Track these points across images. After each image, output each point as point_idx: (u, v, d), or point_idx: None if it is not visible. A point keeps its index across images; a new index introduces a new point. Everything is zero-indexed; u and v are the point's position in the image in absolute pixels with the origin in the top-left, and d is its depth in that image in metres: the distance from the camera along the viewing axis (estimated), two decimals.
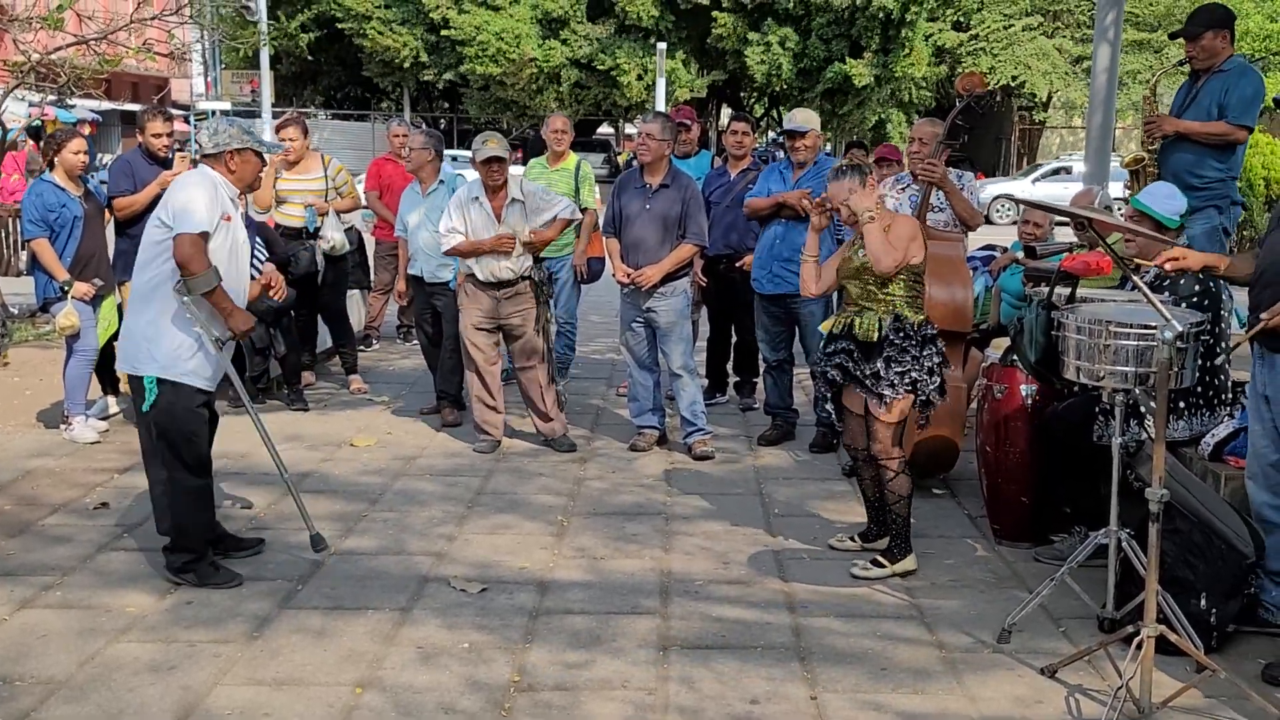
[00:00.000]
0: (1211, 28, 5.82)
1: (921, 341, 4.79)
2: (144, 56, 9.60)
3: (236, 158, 4.80)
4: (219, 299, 4.65)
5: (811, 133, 6.67)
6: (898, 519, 4.88)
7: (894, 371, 4.74)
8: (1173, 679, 3.90)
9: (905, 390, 4.76)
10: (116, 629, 4.31)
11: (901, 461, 4.85)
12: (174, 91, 39.85)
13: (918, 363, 4.75)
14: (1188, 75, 6.08)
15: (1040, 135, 37.97)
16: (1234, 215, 5.92)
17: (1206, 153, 5.77)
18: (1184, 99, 5.97)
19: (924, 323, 4.85)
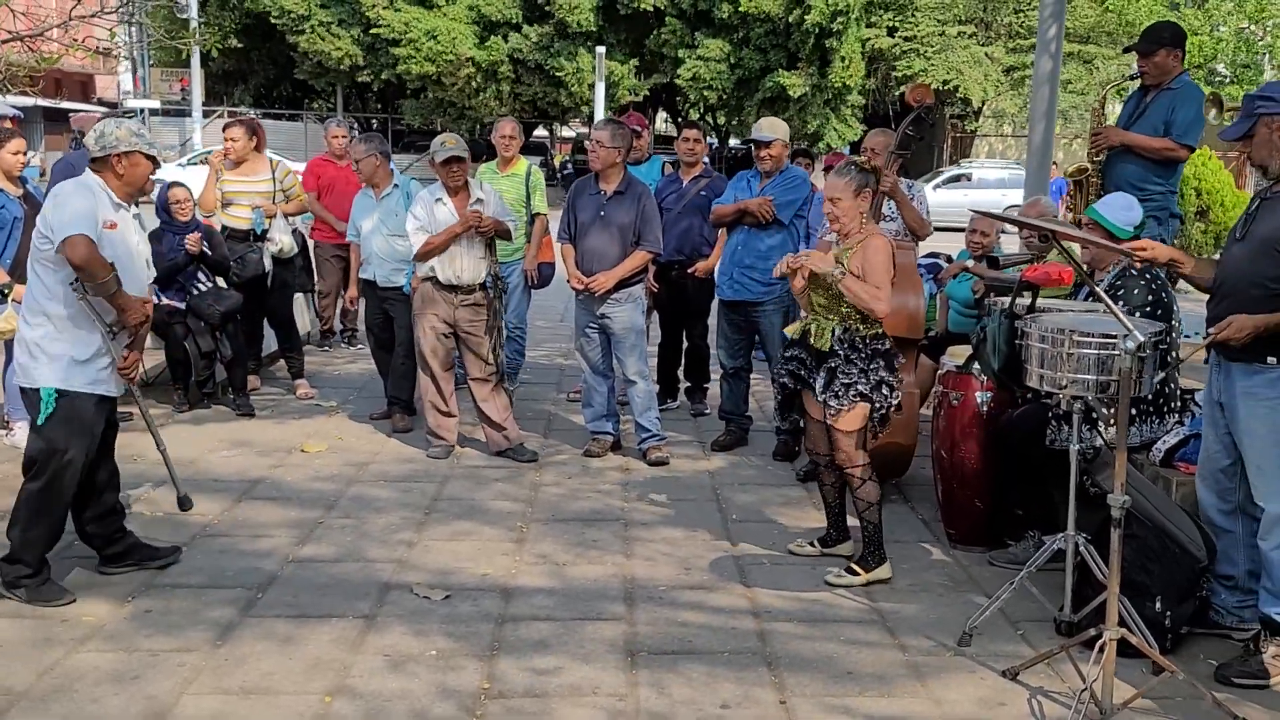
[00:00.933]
0: (1164, 46, 5.96)
1: (870, 355, 4.80)
2: (85, 55, 9.41)
3: (124, 160, 4.65)
4: (121, 296, 4.55)
5: (777, 142, 6.73)
6: (869, 526, 4.93)
7: (839, 383, 4.78)
8: (1130, 680, 3.99)
9: (851, 401, 4.78)
10: (75, 638, 4.24)
11: (867, 469, 4.89)
12: (100, 89, 39.19)
13: (864, 375, 4.77)
14: (1139, 86, 6.22)
15: (972, 143, 38.52)
16: (1172, 228, 6.07)
17: (1149, 166, 5.92)
18: (1133, 111, 6.10)
19: (876, 336, 4.83)
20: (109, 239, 4.57)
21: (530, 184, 8.10)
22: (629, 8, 31.96)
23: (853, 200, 4.79)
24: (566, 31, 32.60)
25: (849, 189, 4.78)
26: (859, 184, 4.79)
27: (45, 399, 4.53)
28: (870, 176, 4.82)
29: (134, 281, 4.70)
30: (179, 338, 7.46)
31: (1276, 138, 3.98)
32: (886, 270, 4.72)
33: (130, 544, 4.98)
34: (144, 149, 4.68)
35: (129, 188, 4.71)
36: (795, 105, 31.88)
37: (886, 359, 4.84)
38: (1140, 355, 3.74)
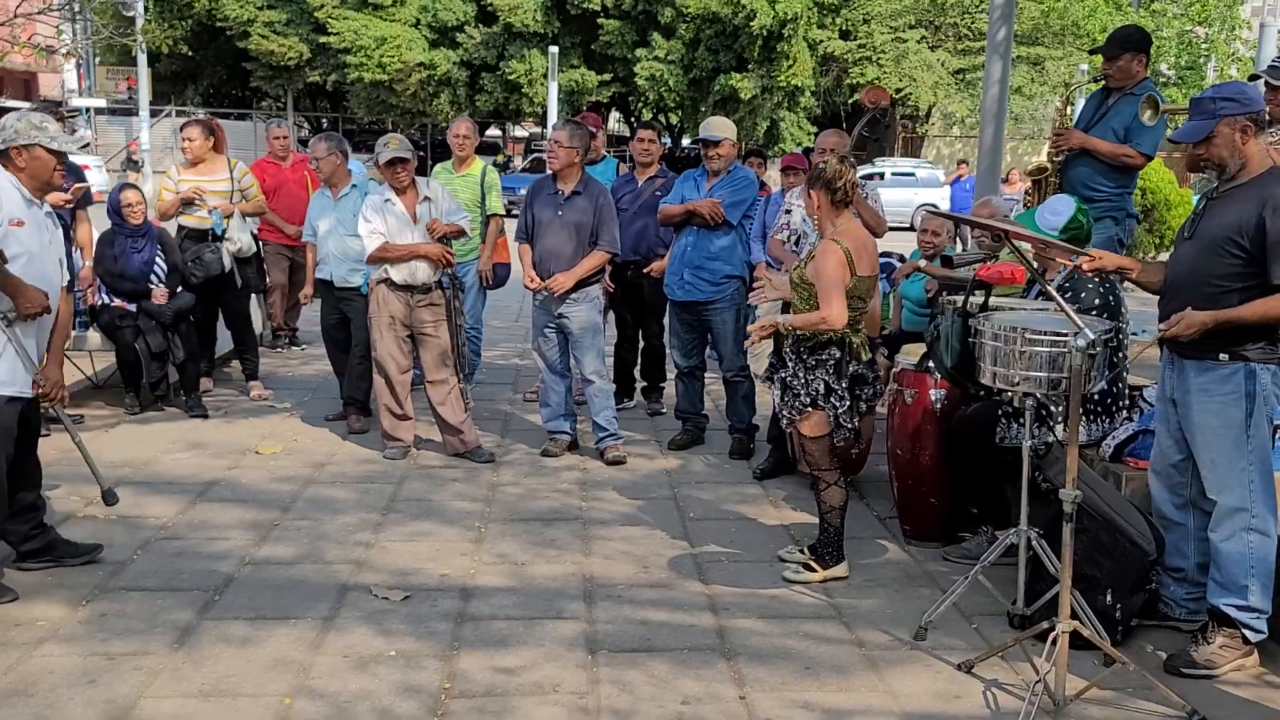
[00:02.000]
0: (1129, 50, 6.04)
1: (812, 365, 4.79)
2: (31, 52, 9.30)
3: (25, 154, 4.56)
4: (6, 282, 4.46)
5: (726, 141, 6.77)
6: (829, 528, 4.98)
7: (789, 393, 4.85)
8: (1082, 672, 4.07)
9: (801, 409, 4.81)
10: (31, 641, 4.20)
11: (834, 473, 4.93)
12: (43, 87, 38.56)
13: (808, 386, 4.79)
14: (1101, 88, 6.31)
15: (922, 145, 38.91)
16: (1129, 227, 6.17)
17: (1106, 169, 6.00)
18: (1094, 112, 6.17)
19: (821, 345, 4.79)
20: (15, 236, 4.50)
21: (486, 184, 8.11)
22: (579, 8, 32.03)
23: (808, 197, 4.89)
24: (514, 32, 32.62)
25: (806, 187, 4.90)
26: (807, 181, 4.91)
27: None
28: (819, 170, 4.87)
29: (42, 280, 4.61)
30: (129, 339, 7.38)
31: (1239, 137, 4.06)
32: (836, 276, 4.71)
33: (49, 540, 4.94)
34: (44, 142, 4.57)
35: (34, 181, 4.61)
36: (746, 106, 32.11)
37: (836, 367, 4.79)
38: (1090, 353, 3.82)
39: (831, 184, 4.79)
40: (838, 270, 4.72)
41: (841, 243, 4.75)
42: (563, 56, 32.12)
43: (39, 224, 4.67)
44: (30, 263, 4.56)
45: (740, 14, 30.18)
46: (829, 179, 4.79)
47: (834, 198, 4.81)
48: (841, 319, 4.70)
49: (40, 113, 4.79)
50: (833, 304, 4.69)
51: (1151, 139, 5.94)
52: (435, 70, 33.29)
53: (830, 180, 4.79)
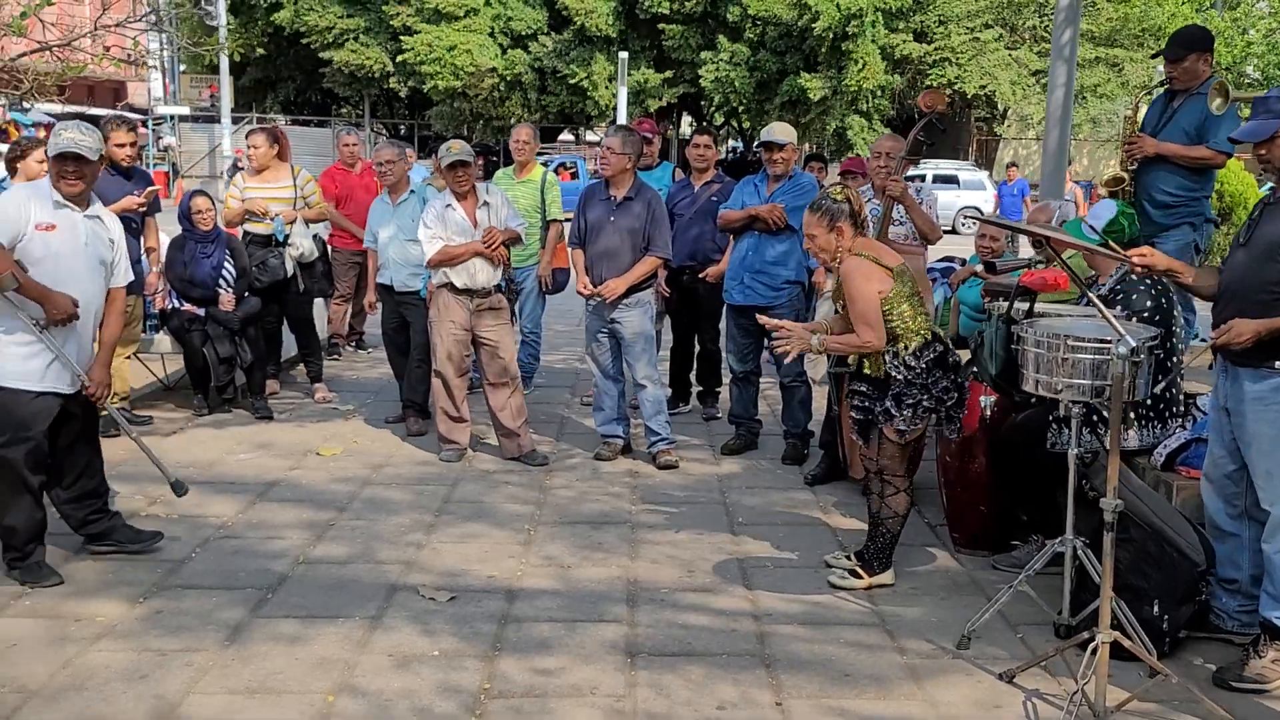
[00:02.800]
0: (1194, 50, 5.92)
1: (927, 369, 4.75)
2: (108, 63, 9.57)
3: (49, 161, 4.84)
4: (29, 289, 4.65)
5: (789, 146, 6.77)
6: (887, 534, 4.94)
7: (905, 406, 4.75)
8: (1127, 683, 4.01)
9: (922, 418, 4.77)
10: (88, 637, 4.33)
11: (905, 479, 4.90)
12: (131, 95, 39.60)
13: (927, 391, 4.74)
14: (1163, 93, 6.20)
15: (997, 147, 38.42)
16: (1206, 232, 6.04)
17: (1181, 172, 5.88)
18: (1159, 117, 6.06)
19: (925, 345, 4.75)
20: (42, 239, 4.72)
21: (546, 190, 8.19)
22: (647, 12, 32.14)
23: (827, 234, 4.79)
24: (586, 37, 32.82)
25: (821, 224, 4.80)
26: (830, 217, 4.78)
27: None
28: (844, 206, 4.78)
29: (73, 280, 4.80)
30: (198, 344, 7.56)
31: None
32: (867, 294, 4.69)
33: (110, 525, 5.18)
34: (49, 150, 4.80)
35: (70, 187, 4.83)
36: (817, 108, 31.99)
37: (941, 364, 4.79)
38: (1134, 360, 3.77)
39: (856, 215, 4.80)
40: (865, 285, 4.69)
41: (864, 254, 4.74)
42: (631, 60, 32.24)
43: (74, 227, 4.84)
44: (59, 264, 4.76)
45: (804, 16, 30.08)
46: (854, 210, 4.79)
47: (856, 225, 4.82)
48: (880, 341, 4.69)
49: (76, 122, 4.98)
50: (870, 328, 4.68)
51: (1225, 130, 5.78)
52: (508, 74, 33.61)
53: (855, 212, 4.80)
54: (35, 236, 4.72)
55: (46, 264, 4.74)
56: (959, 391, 4.81)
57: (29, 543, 4.84)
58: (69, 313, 4.76)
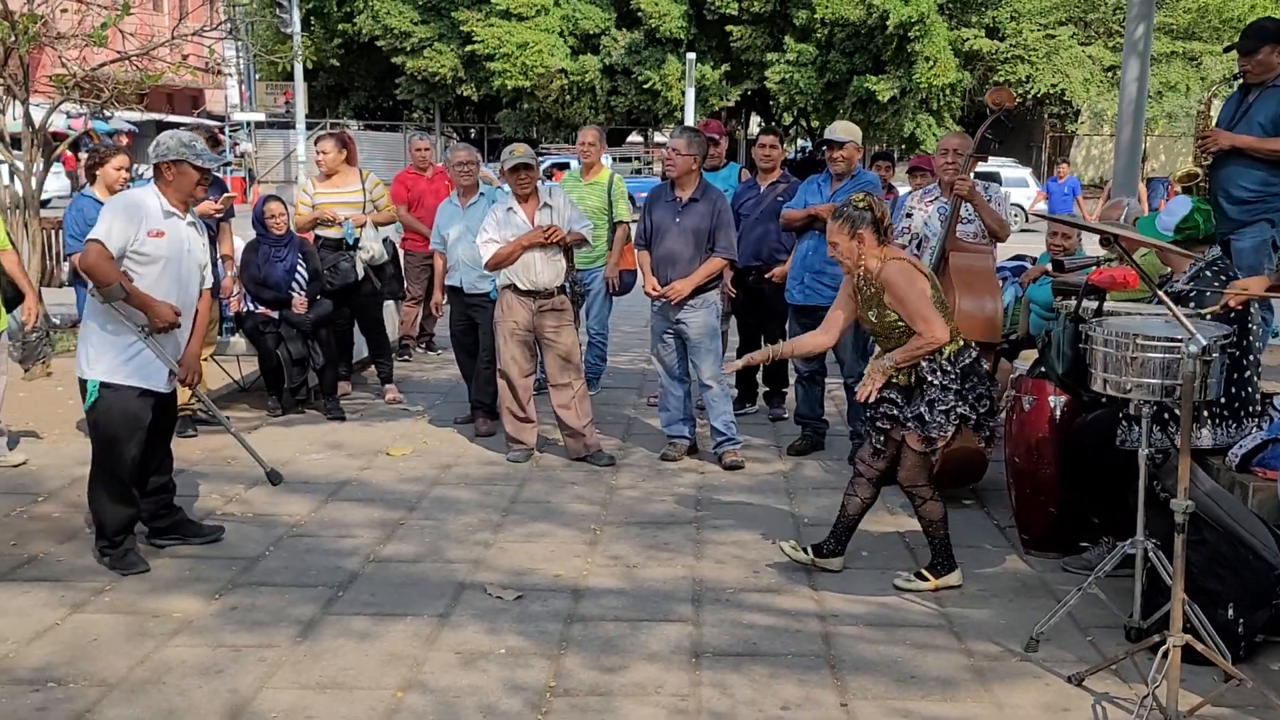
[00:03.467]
0: (1267, 43, 5.78)
1: (962, 374, 4.73)
2: (184, 71, 9.79)
3: (173, 168, 4.98)
4: (136, 297, 4.86)
5: (850, 144, 6.76)
6: (935, 540, 4.93)
7: (939, 412, 4.72)
8: (1201, 688, 3.94)
9: (953, 424, 4.75)
10: (166, 632, 4.44)
11: (929, 488, 4.87)
12: (209, 102, 40.39)
13: (961, 397, 4.72)
14: (1237, 88, 6.08)
15: (1071, 144, 37.85)
16: None
17: (1258, 166, 5.76)
18: (1234, 112, 5.94)
19: (960, 351, 4.75)
20: (152, 245, 4.91)
21: (613, 192, 8.23)
22: (715, 13, 32.13)
23: (849, 242, 4.78)
24: (656, 38, 32.87)
25: (842, 232, 4.79)
26: (852, 224, 4.76)
27: (90, 389, 4.94)
28: (865, 214, 4.75)
29: (179, 284, 5.02)
30: (271, 346, 7.71)
31: None
32: (917, 290, 4.69)
33: (176, 520, 5.40)
34: (191, 159, 4.97)
35: (178, 194, 5.03)
36: (890, 107, 31.79)
37: (976, 371, 4.79)
38: (1205, 359, 3.71)
39: (879, 222, 4.77)
40: (911, 283, 4.68)
41: (902, 258, 4.72)
42: (697, 61, 32.23)
43: (178, 234, 5.05)
44: (166, 269, 4.98)
45: (872, 15, 29.90)
46: (877, 218, 4.76)
47: (878, 233, 4.78)
48: (944, 333, 4.68)
49: (191, 132, 5.12)
50: (931, 322, 4.67)
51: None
52: (579, 77, 33.75)
53: (878, 219, 4.76)
54: (147, 243, 4.91)
55: (156, 269, 4.95)
56: (990, 399, 4.79)
57: (119, 533, 5.04)
58: (171, 321, 4.97)
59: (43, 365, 8.52)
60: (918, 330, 4.70)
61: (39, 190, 9.20)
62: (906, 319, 4.73)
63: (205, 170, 5.07)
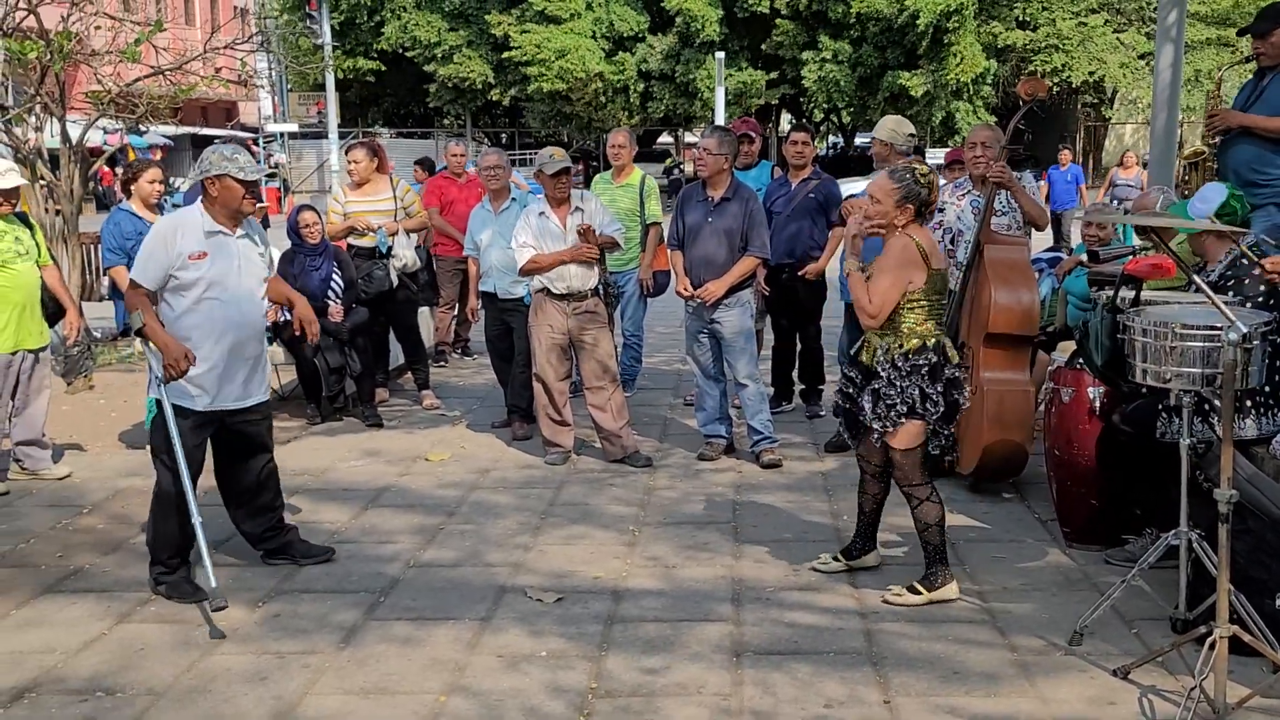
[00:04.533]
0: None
1: (908, 372, 4.60)
2: (217, 84, 9.89)
3: (216, 184, 4.86)
4: (149, 334, 4.79)
5: (875, 141, 6.75)
6: (929, 546, 4.77)
7: (882, 404, 4.62)
8: (1249, 680, 3.90)
9: (895, 421, 4.61)
10: (211, 641, 4.48)
11: (926, 488, 4.73)
12: (243, 114, 40.75)
13: (902, 394, 4.59)
14: (1253, 73, 6.03)
15: (1106, 133, 37.50)
16: None
17: (1270, 149, 5.71)
18: (1249, 96, 5.90)
19: (918, 351, 4.61)
20: (193, 270, 4.82)
21: (645, 192, 8.23)
22: (747, 11, 32.09)
23: (893, 206, 4.62)
24: (691, 41, 32.88)
25: (893, 195, 4.61)
26: (905, 194, 4.61)
27: (148, 407, 4.96)
28: (922, 190, 4.61)
29: (232, 303, 4.91)
30: (309, 355, 7.76)
31: None
32: (898, 266, 4.55)
33: (286, 540, 5.31)
34: (234, 173, 4.85)
35: (224, 210, 4.91)
36: (922, 101, 31.67)
37: (931, 372, 4.60)
38: (1246, 347, 3.67)
39: (927, 204, 4.67)
40: (901, 260, 4.56)
41: (914, 237, 4.60)
42: (730, 60, 32.18)
43: (226, 251, 4.93)
44: (210, 290, 4.85)
45: (904, 12, 29.81)
46: (927, 200, 4.65)
47: (920, 214, 4.68)
48: (873, 319, 4.60)
49: (232, 145, 5.13)
50: (879, 298, 4.55)
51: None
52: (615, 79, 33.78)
53: (928, 201, 4.67)
54: (189, 266, 4.81)
55: (197, 289, 4.84)
56: (947, 407, 4.62)
57: (173, 558, 4.93)
58: (178, 368, 4.77)
59: (85, 379, 8.66)
60: (869, 291, 4.59)
61: (78, 207, 9.32)
62: (871, 279, 4.61)
63: (250, 183, 4.96)
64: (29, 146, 9.01)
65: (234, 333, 4.93)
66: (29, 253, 6.39)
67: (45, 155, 9.32)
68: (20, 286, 6.32)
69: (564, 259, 6.66)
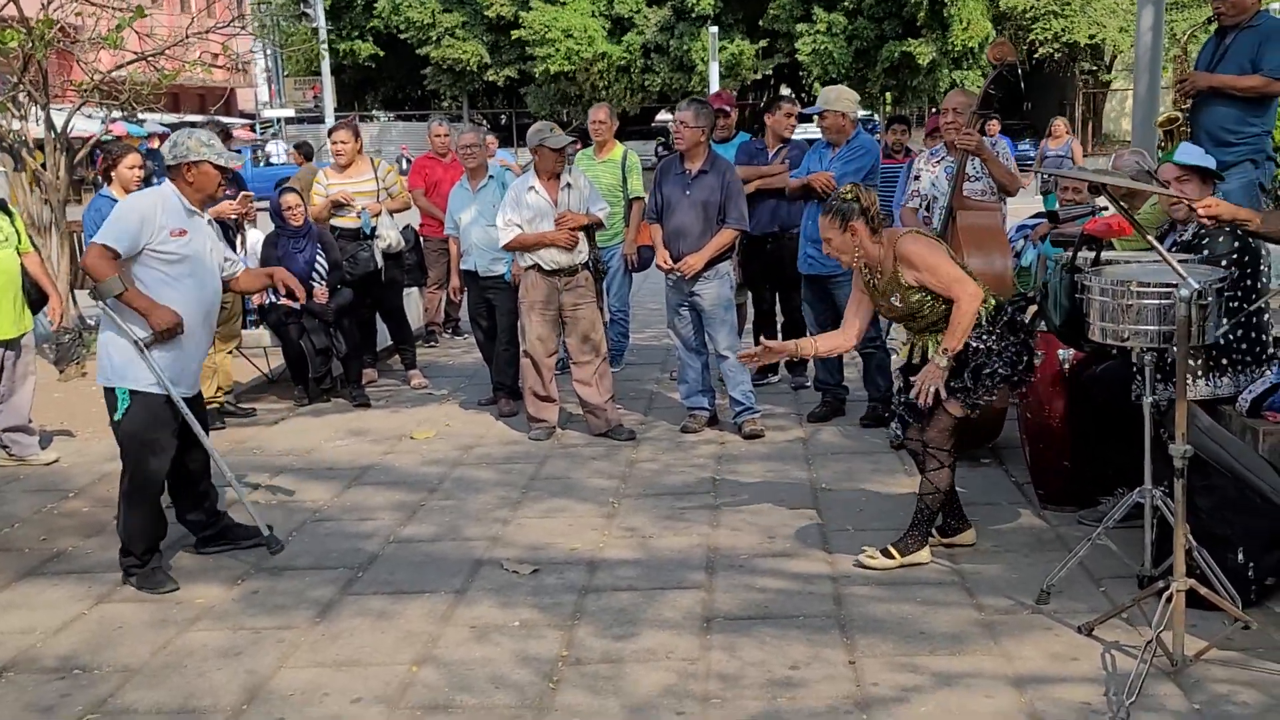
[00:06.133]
0: None
1: (1001, 334, 4.58)
2: (202, 69, 9.89)
3: (194, 169, 4.84)
4: (131, 299, 4.70)
5: (828, 113, 6.72)
6: (925, 511, 4.79)
7: (984, 377, 4.58)
8: (1213, 634, 3.93)
9: (999, 388, 4.62)
10: (187, 619, 4.54)
11: (950, 455, 4.73)
12: (240, 100, 40.72)
13: (1001, 357, 4.58)
14: (1212, 33, 6.03)
15: (1105, 98, 37.34)
16: (1269, 170, 5.87)
17: (1241, 107, 5.72)
18: (1211, 56, 5.91)
19: (997, 309, 4.61)
20: (176, 245, 4.79)
21: (627, 168, 8.24)
22: None
23: (842, 236, 4.64)
24: (684, 14, 32.78)
25: (834, 227, 4.65)
26: (842, 217, 4.63)
27: (120, 398, 4.79)
28: (853, 205, 4.61)
29: (205, 285, 4.93)
30: (295, 337, 7.80)
31: None
32: (943, 256, 4.57)
33: (223, 526, 5.30)
34: (213, 159, 4.87)
35: (199, 194, 4.92)
36: (925, 71, 31.59)
37: (1015, 326, 4.62)
38: (1201, 303, 3.68)
39: (868, 212, 4.63)
40: (930, 250, 4.56)
41: (911, 231, 4.62)
42: (724, 34, 32.08)
43: (201, 232, 4.96)
44: (190, 269, 4.85)
45: None
46: (865, 208, 4.62)
47: (871, 223, 4.64)
48: (979, 293, 4.55)
49: (207, 130, 5.13)
50: (965, 283, 4.53)
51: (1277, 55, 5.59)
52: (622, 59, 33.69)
53: (866, 209, 4.62)
54: (170, 242, 4.78)
55: (182, 269, 4.81)
56: (1029, 354, 4.66)
57: (147, 551, 4.89)
58: (172, 324, 4.75)
59: (76, 366, 8.72)
60: (955, 297, 4.51)
61: (65, 195, 9.35)
62: (941, 289, 4.55)
63: (226, 169, 4.96)
64: (13, 135, 9.03)
65: (203, 315, 4.94)
66: (8, 240, 6.43)
67: (30, 143, 9.34)
68: (1, 274, 6.36)
69: (547, 240, 6.68)
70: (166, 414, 4.87)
